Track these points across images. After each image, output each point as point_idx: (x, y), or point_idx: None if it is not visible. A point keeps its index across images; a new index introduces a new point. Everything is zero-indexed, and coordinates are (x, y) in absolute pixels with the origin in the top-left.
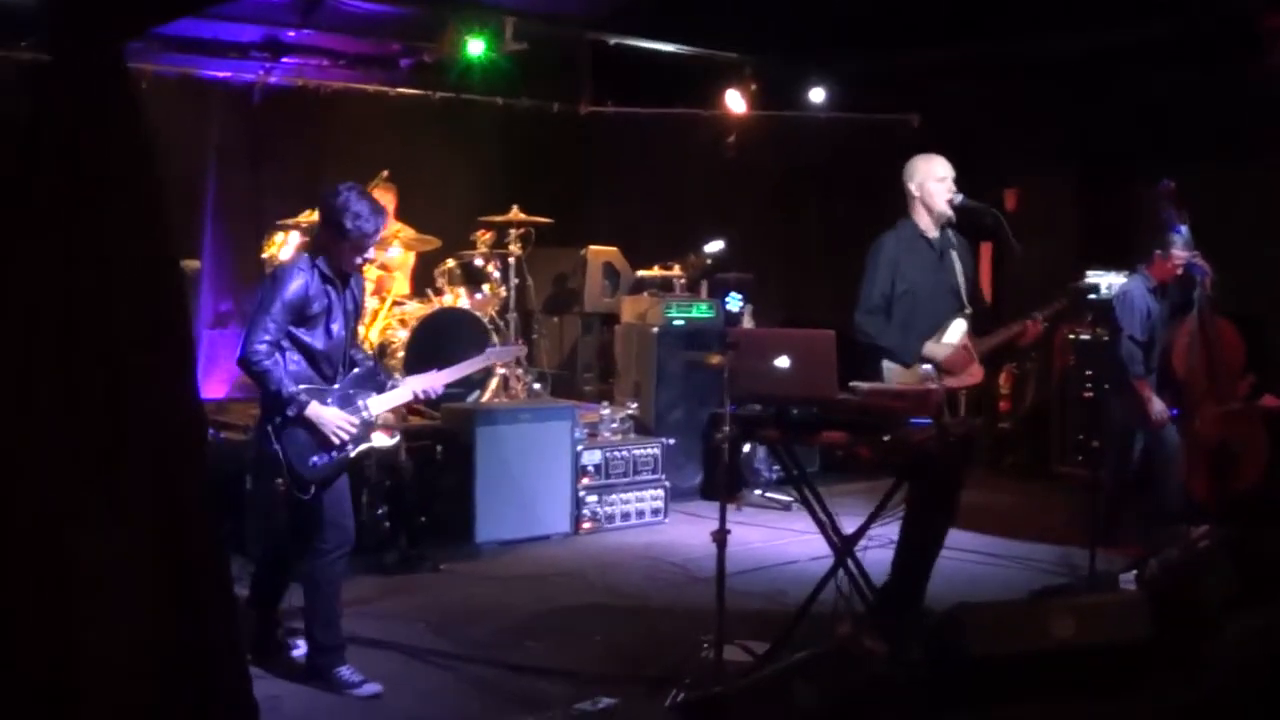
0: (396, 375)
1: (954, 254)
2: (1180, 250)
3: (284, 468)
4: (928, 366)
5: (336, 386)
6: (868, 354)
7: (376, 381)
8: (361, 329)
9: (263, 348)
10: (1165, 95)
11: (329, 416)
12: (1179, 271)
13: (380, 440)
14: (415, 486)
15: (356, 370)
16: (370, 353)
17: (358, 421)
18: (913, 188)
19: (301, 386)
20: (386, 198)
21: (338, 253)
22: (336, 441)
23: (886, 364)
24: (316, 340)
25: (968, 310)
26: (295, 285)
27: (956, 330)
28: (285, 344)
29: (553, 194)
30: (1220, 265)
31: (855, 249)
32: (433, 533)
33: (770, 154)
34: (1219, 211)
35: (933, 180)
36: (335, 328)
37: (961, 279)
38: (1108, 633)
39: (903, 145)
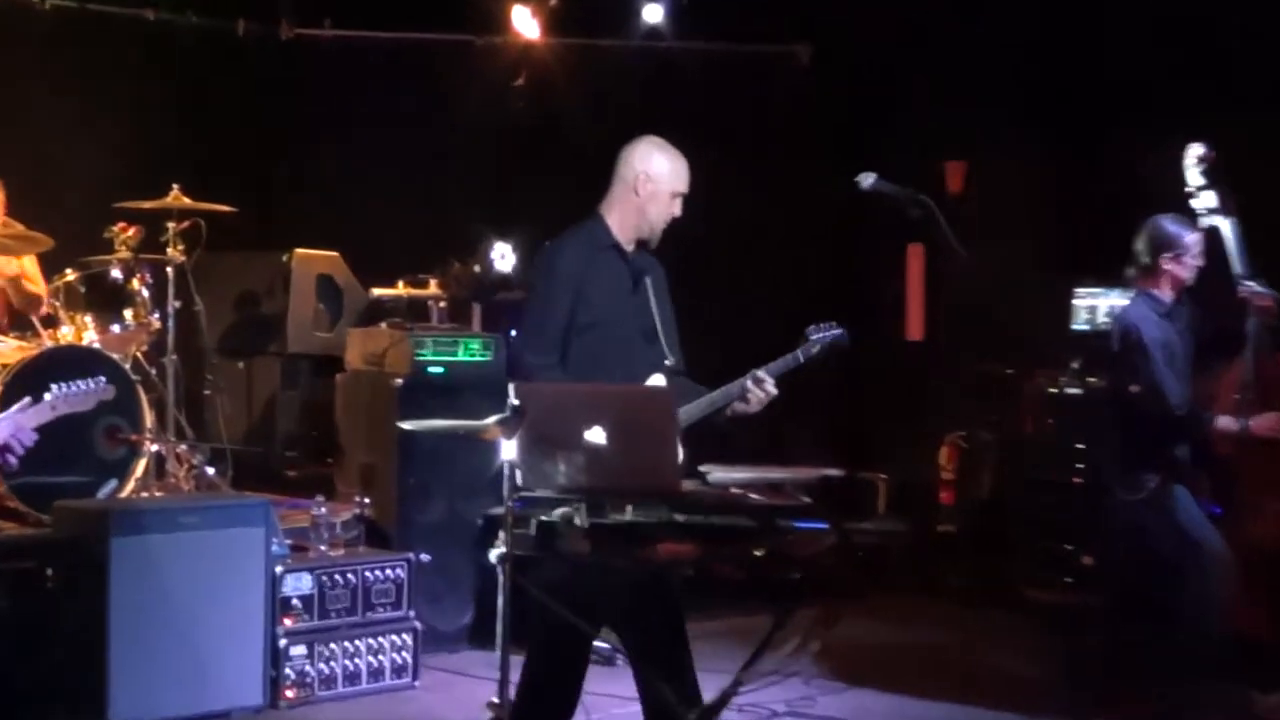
0: None
1: (649, 283)
2: (1194, 246)
3: None
4: None
5: None
6: None
7: None
8: None
9: None
10: (1185, 17)
11: None
12: (1198, 265)
13: None
14: (12, 633)
15: None
16: None
17: None
18: (631, 175)
19: None
20: None
21: None
22: None
23: None
24: None
25: (669, 361)
26: None
27: None
28: None
29: (238, 167)
30: None
31: (714, 252)
32: (41, 706)
33: (581, 104)
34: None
35: (666, 182)
36: None
37: (658, 319)
38: None
39: (787, 89)
